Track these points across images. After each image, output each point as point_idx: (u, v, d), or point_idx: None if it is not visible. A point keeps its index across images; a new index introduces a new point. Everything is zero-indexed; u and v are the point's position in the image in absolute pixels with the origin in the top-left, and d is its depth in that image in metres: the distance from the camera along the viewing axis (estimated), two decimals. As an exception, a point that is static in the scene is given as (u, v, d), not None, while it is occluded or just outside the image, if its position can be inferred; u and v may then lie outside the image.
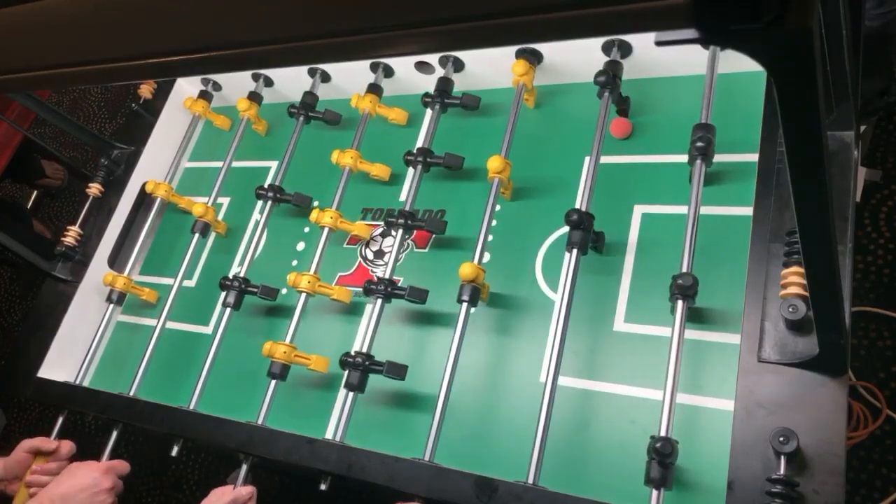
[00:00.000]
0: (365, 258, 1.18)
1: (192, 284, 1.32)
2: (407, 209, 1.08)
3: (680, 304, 0.81)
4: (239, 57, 0.40)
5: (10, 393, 2.08)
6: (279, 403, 1.04)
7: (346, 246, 1.20)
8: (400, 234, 1.07)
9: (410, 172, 1.16)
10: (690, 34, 0.30)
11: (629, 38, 1.04)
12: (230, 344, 1.14)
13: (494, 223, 1.08)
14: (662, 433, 0.75)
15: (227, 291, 1.16)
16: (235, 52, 0.39)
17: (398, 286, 1.03)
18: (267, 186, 1.22)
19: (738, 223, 0.91)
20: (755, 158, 0.90)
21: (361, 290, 1.05)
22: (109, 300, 1.27)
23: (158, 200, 1.34)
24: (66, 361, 1.29)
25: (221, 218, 1.36)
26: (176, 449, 1.08)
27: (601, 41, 1.05)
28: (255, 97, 1.36)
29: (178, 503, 1.92)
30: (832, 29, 0.65)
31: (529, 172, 1.10)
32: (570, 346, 0.88)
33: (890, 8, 1.13)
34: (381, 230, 1.19)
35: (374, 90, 1.22)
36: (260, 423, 1.01)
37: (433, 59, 1.20)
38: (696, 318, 0.88)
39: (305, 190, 1.25)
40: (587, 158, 1.00)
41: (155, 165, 1.43)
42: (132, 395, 1.13)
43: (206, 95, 1.43)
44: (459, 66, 1.18)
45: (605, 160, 0.99)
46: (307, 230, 1.26)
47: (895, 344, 1.46)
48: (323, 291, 1.09)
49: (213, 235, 1.34)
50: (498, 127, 1.09)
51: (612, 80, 1.00)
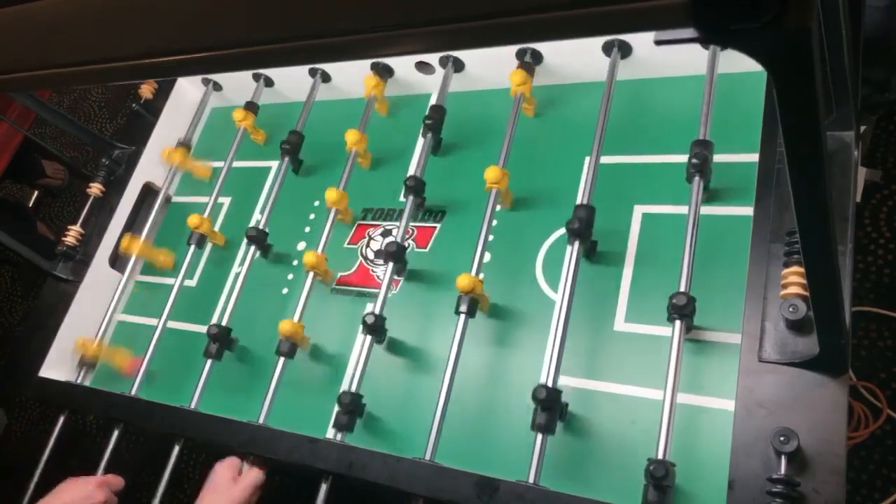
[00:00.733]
0: (366, 258, 1.18)
1: (193, 284, 1.32)
2: (398, 239, 1.06)
3: (678, 323, 0.82)
4: (239, 57, 0.40)
5: (11, 392, 2.08)
6: (280, 403, 1.04)
7: (346, 246, 1.20)
8: (391, 266, 1.06)
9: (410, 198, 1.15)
10: (690, 34, 0.30)
11: (629, 37, 1.04)
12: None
13: (495, 223, 1.08)
14: (663, 433, 0.76)
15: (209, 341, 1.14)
16: (236, 51, 0.39)
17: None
18: (253, 231, 1.20)
19: (738, 223, 0.91)
20: (755, 158, 0.90)
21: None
22: (82, 364, 1.27)
23: (158, 201, 1.34)
24: (67, 361, 1.30)
25: (222, 218, 1.36)
26: (175, 451, 1.08)
27: (601, 41, 1.05)
28: (251, 107, 1.35)
29: (178, 503, 1.92)
30: (832, 29, 0.65)
31: (530, 172, 1.10)
32: (570, 345, 0.88)
33: None
34: (381, 230, 1.19)
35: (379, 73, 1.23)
36: (261, 422, 1.01)
37: (433, 59, 1.20)
38: (697, 318, 0.88)
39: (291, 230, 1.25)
40: (587, 158, 1.00)
41: (156, 165, 1.43)
42: (133, 394, 1.14)
43: (185, 146, 1.40)
44: (460, 66, 1.19)
45: (605, 160, 0.99)
46: (308, 230, 1.26)
47: (895, 344, 1.46)
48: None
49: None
50: (499, 127, 1.09)
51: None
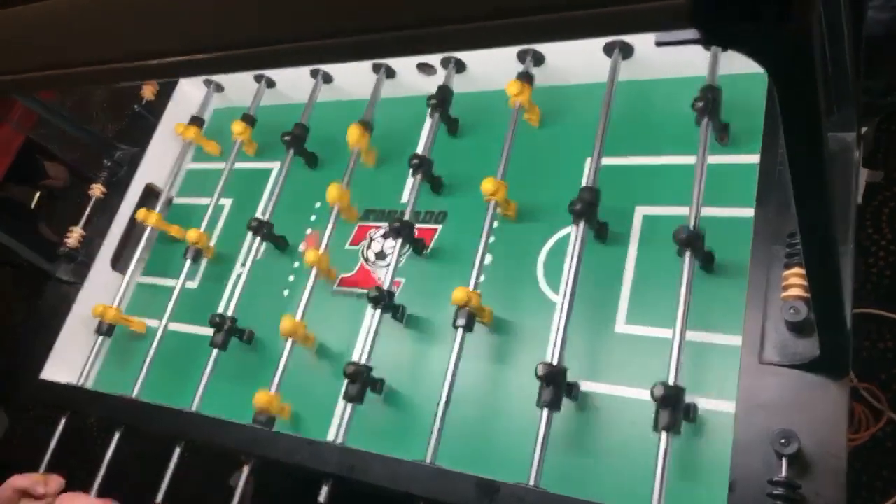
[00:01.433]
0: (367, 259, 1.18)
1: (194, 286, 1.32)
2: (406, 218, 1.07)
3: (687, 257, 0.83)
4: (241, 58, 0.40)
5: (12, 394, 2.08)
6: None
7: (347, 247, 1.20)
8: (399, 243, 1.06)
9: (410, 182, 1.16)
10: (691, 35, 0.30)
11: (630, 38, 1.04)
12: (233, 345, 1.14)
13: (496, 224, 1.08)
14: (662, 436, 0.76)
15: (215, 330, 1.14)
16: (238, 52, 0.39)
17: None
18: (256, 222, 1.21)
19: (739, 224, 0.91)
20: (756, 160, 0.90)
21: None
22: (99, 332, 1.25)
23: (160, 203, 1.34)
24: (68, 363, 1.29)
25: (223, 218, 1.36)
26: (176, 454, 1.08)
27: (602, 42, 1.05)
28: (249, 120, 1.35)
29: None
30: (833, 29, 0.65)
31: (530, 173, 1.10)
32: (570, 347, 0.88)
33: None
34: (382, 231, 1.19)
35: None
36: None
37: (435, 60, 1.20)
38: (697, 319, 0.88)
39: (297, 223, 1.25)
40: (588, 159, 1.00)
41: (158, 166, 1.43)
42: (135, 396, 1.14)
43: (197, 121, 1.41)
44: (461, 67, 1.19)
45: (606, 161, 0.99)
46: (308, 231, 1.26)
47: (897, 346, 1.46)
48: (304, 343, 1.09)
49: (214, 237, 1.34)
50: (500, 128, 1.09)
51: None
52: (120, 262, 1.39)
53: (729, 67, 0.98)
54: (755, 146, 0.91)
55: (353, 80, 1.31)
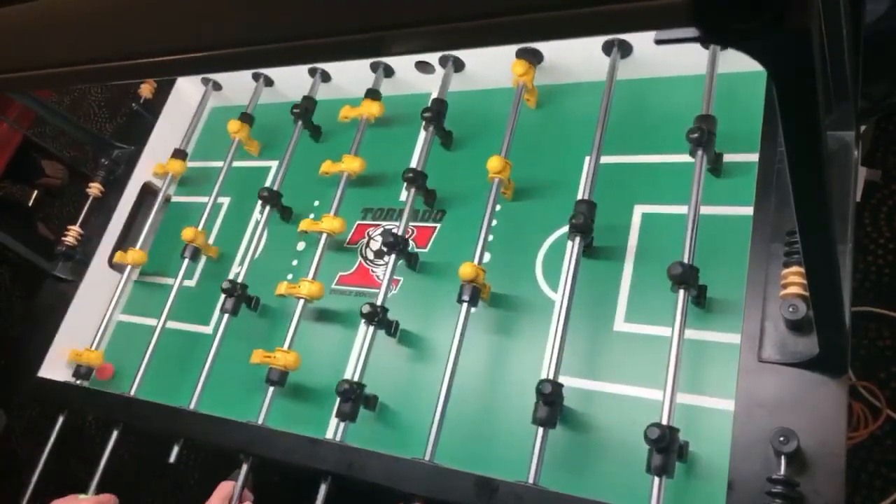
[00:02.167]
0: (365, 258, 1.18)
1: (192, 284, 1.32)
2: (400, 232, 1.06)
3: (681, 293, 0.82)
4: (239, 56, 0.40)
5: (10, 393, 2.08)
6: (279, 404, 1.04)
7: (346, 246, 1.20)
8: (393, 258, 1.06)
9: (404, 194, 1.16)
10: (690, 33, 0.30)
11: (629, 37, 1.04)
12: (230, 343, 1.14)
13: (495, 223, 1.08)
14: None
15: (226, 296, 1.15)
16: (236, 51, 0.39)
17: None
18: (268, 190, 1.22)
19: (738, 223, 0.91)
20: (755, 158, 0.89)
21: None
22: (76, 375, 1.25)
23: (158, 202, 1.34)
24: (66, 361, 1.29)
25: (222, 218, 1.36)
26: (175, 453, 1.08)
27: (601, 40, 1.05)
28: (246, 118, 1.34)
29: (178, 503, 1.92)
30: (832, 28, 0.65)
31: (530, 172, 1.10)
32: (569, 345, 0.88)
33: None
34: (381, 230, 1.19)
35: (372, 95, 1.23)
36: (260, 423, 1.01)
37: (433, 58, 1.20)
38: (696, 318, 0.88)
39: (305, 195, 1.25)
40: (587, 158, 1.00)
41: (155, 165, 1.43)
42: (132, 395, 1.13)
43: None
44: (460, 66, 1.18)
45: (605, 160, 0.99)
46: (304, 241, 1.26)
47: (895, 344, 1.46)
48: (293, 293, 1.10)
49: (212, 236, 1.34)
50: (498, 128, 1.09)
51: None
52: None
53: (728, 66, 0.98)
54: (754, 146, 0.91)
55: (351, 78, 1.30)
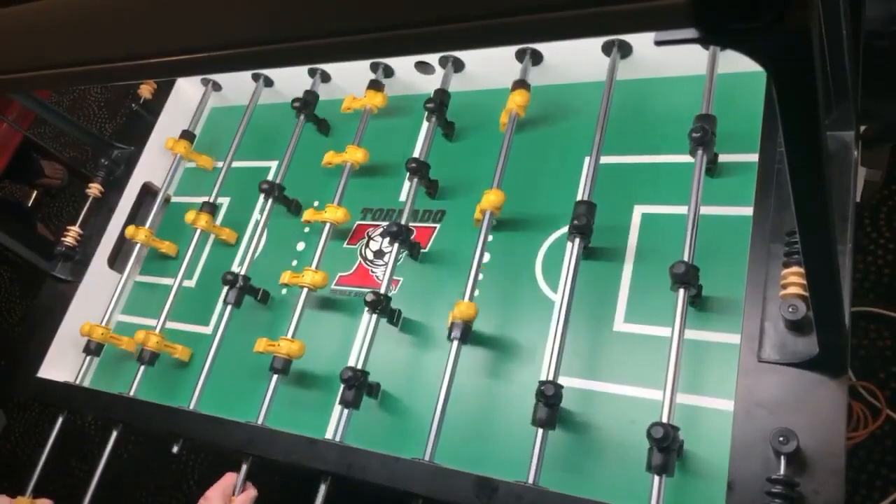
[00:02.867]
0: (365, 258, 1.18)
1: (191, 284, 1.32)
2: (403, 222, 1.07)
3: (681, 292, 0.82)
4: (239, 57, 0.40)
5: (10, 393, 2.08)
6: (279, 403, 1.04)
7: (346, 246, 1.20)
8: (396, 246, 1.06)
9: (407, 185, 1.16)
10: (690, 34, 0.30)
11: (629, 37, 1.04)
12: (230, 344, 1.14)
13: (495, 223, 1.08)
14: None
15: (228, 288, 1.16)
16: (235, 51, 0.39)
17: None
18: (269, 183, 1.22)
19: (738, 223, 0.91)
20: (755, 158, 0.89)
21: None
22: (87, 350, 1.24)
23: (158, 202, 1.34)
24: (66, 361, 1.29)
25: (221, 218, 1.36)
26: (177, 447, 1.08)
27: (601, 41, 1.05)
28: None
29: (178, 503, 1.92)
30: (832, 29, 0.65)
31: (529, 172, 1.10)
32: (569, 346, 0.88)
33: None
34: (381, 230, 1.19)
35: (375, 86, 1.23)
36: (260, 423, 1.01)
37: (433, 59, 1.20)
38: (696, 318, 0.88)
39: (306, 189, 1.25)
40: (587, 158, 1.00)
41: (155, 165, 1.43)
42: (132, 395, 1.13)
43: (187, 136, 1.40)
44: (459, 66, 1.18)
45: (604, 160, 0.99)
46: (307, 230, 1.26)
47: (895, 344, 1.46)
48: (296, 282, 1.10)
49: (212, 236, 1.34)
50: (497, 126, 1.09)
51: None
52: (117, 260, 1.39)
53: (728, 66, 0.98)
54: (753, 146, 0.91)
55: (351, 78, 1.30)
